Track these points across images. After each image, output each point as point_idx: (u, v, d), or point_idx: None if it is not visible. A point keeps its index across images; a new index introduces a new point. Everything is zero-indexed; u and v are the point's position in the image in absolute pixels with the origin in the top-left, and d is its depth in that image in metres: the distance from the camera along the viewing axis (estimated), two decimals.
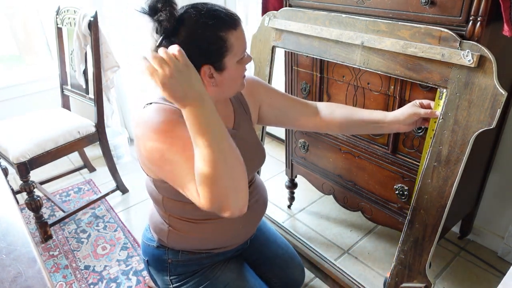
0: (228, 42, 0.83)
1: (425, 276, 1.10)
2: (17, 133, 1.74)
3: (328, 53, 1.26)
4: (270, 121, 1.20)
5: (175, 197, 0.96)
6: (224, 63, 0.85)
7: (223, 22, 0.83)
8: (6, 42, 2.30)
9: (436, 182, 1.02)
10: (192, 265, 1.07)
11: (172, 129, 0.82)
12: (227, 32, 0.83)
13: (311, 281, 1.52)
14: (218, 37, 0.82)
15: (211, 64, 0.84)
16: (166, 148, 0.80)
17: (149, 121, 0.84)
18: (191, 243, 1.05)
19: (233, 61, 0.86)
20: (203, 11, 0.82)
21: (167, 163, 0.81)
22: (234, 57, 0.86)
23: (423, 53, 0.98)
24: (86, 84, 1.90)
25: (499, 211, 1.54)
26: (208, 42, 0.82)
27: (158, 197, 1.01)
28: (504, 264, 1.54)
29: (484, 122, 0.91)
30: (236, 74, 0.89)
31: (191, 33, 0.81)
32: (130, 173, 2.33)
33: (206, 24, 0.81)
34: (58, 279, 1.58)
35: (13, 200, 0.88)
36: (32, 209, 1.69)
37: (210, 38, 0.82)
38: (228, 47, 0.84)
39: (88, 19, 1.71)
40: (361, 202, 1.49)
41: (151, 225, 1.10)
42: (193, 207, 0.95)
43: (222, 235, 1.05)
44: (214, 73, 0.86)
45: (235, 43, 0.85)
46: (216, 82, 0.88)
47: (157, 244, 1.07)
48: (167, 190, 0.95)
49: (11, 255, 0.69)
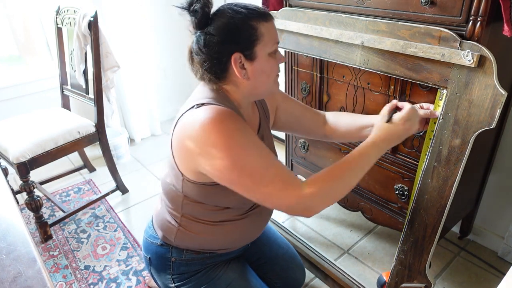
0: (259, 31, 0.86)
1: (425, 276, 1.10)
2: (17, 133, 1.74)
3: (328, 53, 1.26)
4: (283, 126, 1.21)
5: (199, 199, 0.96)
6: (255, 52, 0.87)
7: (253, 12, 0.86)
8: (6, 42, 2.30)
9: (436, 182, 1.02)
10: (195, 265, 1.07)
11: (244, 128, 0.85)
12: (257, 22, 0.86)
13: (311, 281, 1.52)
14: (248, 25, 0.85)
15: (241, 51, 0.86)
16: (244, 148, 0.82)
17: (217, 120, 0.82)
18: (199, 243, 1.04)
19: (264, 51, 0.87)
20: (235, 4, 0.88)
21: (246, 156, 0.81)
22: (264, 47, 0.87)
23: (423, 53, 0.98)
24: (86, 84, 1.90)
25: (499, 211, 1.53)
26: (239, 29, 0.85)
27: (178, 197, 0.98)
28: (504, 264, 1.54)
29: (484, 122, 0.91)
30: (267, 67, 0.90)
31: (223, 22, 0.85)
32: (130, 173, 2.33)
33: (238, 13, 0.85)
34: (58, 279, 1.58)
35: (13, 200, 0.88)
36: (32, 209, 1.69)
37: (241, 25, 0.85)
38: (258, 35, 0.86)
39: (88, 19, 1.70)
40: (361, 202, 1.49)
41: (157, 222, 1.09)
42: (212, 210, 0.97)
43: (231, 237, 1.05)
44: (245, 62, 0.87)
45: (266, 34, 0.87)
46: (248, 75, 0.89)
47: (161, 242, 1.07)
48: (194, 192, 0.94)
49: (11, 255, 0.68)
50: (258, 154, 0.83)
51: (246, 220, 1.05)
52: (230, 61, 0.86)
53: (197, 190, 0.94)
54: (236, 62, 0.86)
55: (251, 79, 0.90)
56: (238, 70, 0.87)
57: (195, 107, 0.87)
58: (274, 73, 0.93)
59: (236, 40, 0.85)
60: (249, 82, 0.90)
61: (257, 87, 0.92)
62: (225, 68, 0.88)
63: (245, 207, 1.03)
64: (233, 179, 0.83)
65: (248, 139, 0.84)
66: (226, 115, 0.84)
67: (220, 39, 0.84)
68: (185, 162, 0.90)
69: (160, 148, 2.66)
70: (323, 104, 1.50)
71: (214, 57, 0.86)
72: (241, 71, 0.88)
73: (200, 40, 0.87)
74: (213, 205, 0.98)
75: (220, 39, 0.84)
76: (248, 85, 0.91)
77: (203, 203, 0.97)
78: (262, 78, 0.91)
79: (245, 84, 0.90)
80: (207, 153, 0.82)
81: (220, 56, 0.86)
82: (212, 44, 0.85)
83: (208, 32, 0.85)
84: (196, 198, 0.96)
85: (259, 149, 0.84)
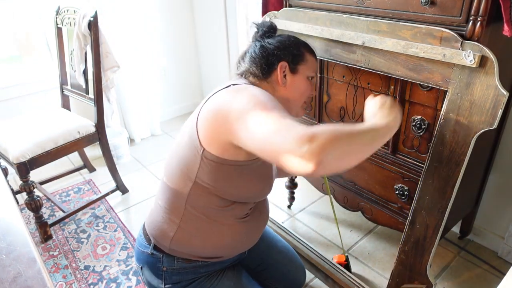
0: (305, 57, 1.04)
1: (426, 277, 1.10)
2: (17, 133, 1.73)
3: (329, 53, 1.25)
4: None
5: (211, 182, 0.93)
6: (298, 69, 1.03)
7: (305, 44, 1.07)
8: (6, 42, 2.30)
9: (438, 182, 1.02)
10: (188, 274, 1.05)
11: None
12: (306, 50, 1.05)
13: (311, 282, 1.52)
14: (300, 48, 1.04)
15: (288, 62, 1.01)
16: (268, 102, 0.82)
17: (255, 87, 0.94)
18: (195, 245, 1.02)
19: (305, 72, 1.04)
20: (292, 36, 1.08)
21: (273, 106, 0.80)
22: (306, 70, 1.04)
23: (424, 53, 0.97)
24: (86, 84, 1.90)
25: (499, 211, 1.53)
26: (292, 46, 1.03)
27: (186, 186, 0.96)
28: (504, 264, 1.54)
29: (485, 122, 0.91)
30: (303, 86, 1.04)
31: (283, 37, 1.05)
32: (130, 173, 2.33)
33: (293, 37, 1.06)
34: (58, 279, 1.57)
35: (13, 200, 0.88)
36: (32, 209, 1.69)
37: (294, 45, 1.03)
38: (304, 59, 1.03)
39: (88, 19, 1.70)
40: (361, 202, 1.49)
41: (152, 226, 1.06)
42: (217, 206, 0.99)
43: (229, 238, 1.04)
44: (287, 72, 1.02)
45: (310, 61, 1.05)
46: (287, 83, 1.02)
47: (151, 251, 1.05)
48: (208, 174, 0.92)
49: (11, 255, 0.68)
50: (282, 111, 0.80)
51: (243, 226, 1.04)
52: (277, 65, 1.00)
53: (213, 171, 0.91)
54: (281, 69, 1.00)
55: (287, 89, 1.02)
56: (280, 75, 1.00)
57: (232, 85, 0.95)
58: (306, 95, 1.06)
59: (287, 52, 1.01)
60: (284, 91, 1.02)
61: (289, 99, 1.03)
62: (271, 69, 1.01)
63: (247, 206, 1.03)
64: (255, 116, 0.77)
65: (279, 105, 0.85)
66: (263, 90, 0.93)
67: (276, 46, 1.02)
68: (213, 132, 0.88)
69: (160, 148, 2.66)
70: (323, 104, 1.50)
71: (266, 57, 1.01)
72: (282, 78, 1.01)
73: (258, 45, 1.04)
74: (221, 196, 0.96)
75: (275, 46, 1.02)
76: (283, 93, 1.02)
77: (211, 193, 0.94)
78: (296, 93, 1.04)
79: (281, 91, 1.02)
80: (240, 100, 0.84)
81: (271, 58, 1.00)
82: (269, 48, 1.02)
83: (266, 41, 1.04)
84: (209, 182, 0.93)
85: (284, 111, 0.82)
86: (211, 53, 2.85)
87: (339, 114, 1.45)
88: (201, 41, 2.90)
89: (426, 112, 1.16)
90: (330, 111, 1.49)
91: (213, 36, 2.72)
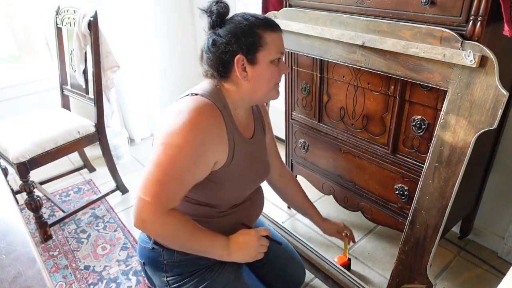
0: (263, 40, 0.92)
1: (426, 277, 1.10)
2: (17, 133, 1.73)
3: (329, 53, 1.25)
4: None
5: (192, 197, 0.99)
6: (257, 58, 0.93)
7: (262, 22, 0.94)
8: (6, 42, 2.30)
9: (437, 182, 1.02)
10: (188, 266, 1.07)
11: (199, 141, 0.88)
12: (263, 30, 0.93)
13: (311, 281, 1.52)
14: (254, 32, 0.92)
15: (244, 54, 0.92)
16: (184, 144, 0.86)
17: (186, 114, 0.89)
18: None
19: (266, 58, 0.94)
20: (247, 13, 0.96)
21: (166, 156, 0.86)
22: (267, 55, 0.93)
23: (425, 53, 0.97)
24: (86, 84, 1.89)
25: (499, 211, 1.53)
26: (244, 34, 0.92)
27: None
28: (504, 264, 1.54)
29: (485, 122, 0.91)
30: (267, 73, 0.95)
31: (232, 26, 0.93)
32: (130, 173, 2.33)
33: (246, 20, 0.93)
34: (58, 279, 1.57)
35: (13, 200, 0.88)
36: (32, 209, 1.69)
37: (247, 30, 0.92)
38: (262, 43, 0.92)
39: (88, 19, 1.70)
40: (361, 202, 1.49)
41: None
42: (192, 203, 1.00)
43: None
44: (246, 65, 0.93)
45: (270, 43, 0.93)
46: (248, 77, 0.94)
47: (152, 245, 1.07)
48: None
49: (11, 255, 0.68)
50: (184, 164, 0.87)
51: (233, 217, 1.07)
52: (233, 61, 0.92)
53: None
54: (239, 64, 0.92)
55: (251, 82, 0.95)
56: (239, 71, 0.93)
57: (190, 95, 0.95)
58: (274, 80, 0.98)
59: (240, 44, 0.91)
60: (249, 85, 0.95)
61: (256, 90, 0.97)
62: (228, 67, 0.94)
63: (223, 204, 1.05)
64: (154, 151, 0.89)
65: (197, 147, 0.88)
66: (208, 110, 0.91)
67: (226, 40, 0.91)
68: None
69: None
70: (323, 104, 1.50)
71: (219, 56, 0.93)
72: (242, 73, 0.93)
73: (210, 40, 0.95)
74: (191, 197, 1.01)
75: (226, 40, 0.91)
76: (248, 87, 0.96)
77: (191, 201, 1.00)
78: (261, 83, 0.96)
79: (245, 86, 0.96)
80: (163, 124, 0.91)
81: (224, 55, 0.92)
82: (219, 44, 0.92)
83: (217, 34, 0.93)
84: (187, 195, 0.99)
85: (191, 162, 0.88)
86: None
87: (339, 114, 1.45)
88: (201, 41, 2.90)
89: (426, 112, 1.16)
90: (330, 111, 1.49)
91: None
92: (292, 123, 1.70)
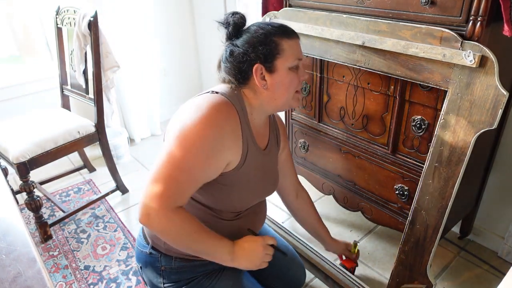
0: (280, 47, 0.93)
1: (426, 277, 1.10)
2: (17, 133, 1.73)
3: (329, 53, 1.25)
4: None
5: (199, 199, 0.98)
6: (275, 65, 0.93)
7: (278, 29, 0.94)
8: (6, 42, 2.30)
9: (437, 182, 1.02)
10: (186, 273, 1.05)
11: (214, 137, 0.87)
12: (280, 38, 0.93)
13: (311, 282, 1.52)
14: (270, 40, 0.92)
15: (262, 64, 0.93)
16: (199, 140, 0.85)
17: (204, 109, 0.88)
18: None
19: (284, 65, 0.94)
20: (263, 22, 0.97)
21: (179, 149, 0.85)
22: (285, 62, 0.94)
23: (424, 53, 0.97)
24: (86, 84, 1.89)
25: (499, 211, 1.53)
26: (261, 43, 0.92)
27: None
28: (504, 264, 1.54)
29: (485, 122, 0.91)
30: (287, 80, 0.95)
31: (248, 35, 0.94)
32: (130, 173, 2.33)
33: (262, 28, 0.94)
34: (58, 279, 1.57)
35: (13, 200, 0.88)
36: (32, 209, 1.69)
37: (263, 40, 0.92)
38: (279, 50, 0.93)
39: (88, 19, 1.70)
40: (361, 202, 1.49)
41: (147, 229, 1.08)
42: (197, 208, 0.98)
43: None
44: (265, 74, 0.94)
45: (287, 49, 0.94)
46: (267, 85, 0.95)
47: (149, 250, 1.05)
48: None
49: (11, 255, 0.68)
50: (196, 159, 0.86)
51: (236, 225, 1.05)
52: (251, 71, 0.93)
53: None
54: (257, 73, 0.93)
55: (270, 90, 0.95)
56: (258, 80, 0.94)
57: (210, 92, 0.95)
58: (293, 87, 0.97)
59: (257, 52, 0.92)
60: (268, 93, 0.96)
61: (276, 98, 0.97)
62: (246, 76, 0.95)
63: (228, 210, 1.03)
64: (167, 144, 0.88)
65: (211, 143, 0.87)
66: (226, 111, 0.91)
67: (244, 50, 0.92)
68: None
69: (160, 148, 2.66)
70: (323, 104, 1.50)
71: (237, 66, 0.94)
72: (261, 81, 0.94)
73: (227, 50, 0.96)
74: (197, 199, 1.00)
75: (243, 50, 0.92)
76: (267, 95, 0.96)
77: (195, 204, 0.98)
78: (281, 90, 0.96)
79: (265, 94, 0.96)
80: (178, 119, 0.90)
81: (242, 65, 0.93)
82: (237, 54, 0.93)
83: (235, 44, 0.94)
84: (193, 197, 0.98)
85: (203, 159, 0.86)
86: (211, 53, 2.85)
87: (339, 114, 1.45)
88: (201, 41, 2.90)
89: (426, 112, 1.16)
90: (330, 111, 1.49)
91: (213, 36, 2.71)
92: (292, 123, 1.70)
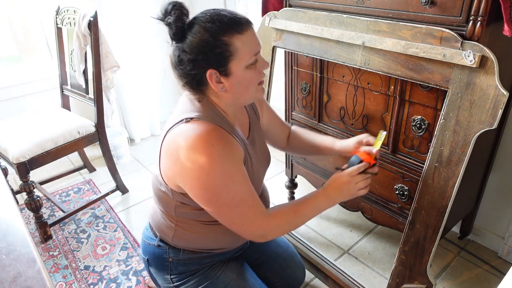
0: (232, 47, 0.82)
1: (426, 277, 1.10)
2: (17, 133, 1.73)
3: (329, 53, 1.25)
4: None
5: (191, 204, 0.97)
6: (230, 69, 0.85)
7: (226, 26, 0.82)
8: (6, 42, 2.30)
9: (437, 182, 1.02)
10: (193, 264, 1.07)
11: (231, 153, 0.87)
12: (230, 36, 0.82)
13: (311, 281, 1.52)
14: (220, 42, 0.82)
15: (215, 69, 0.84)
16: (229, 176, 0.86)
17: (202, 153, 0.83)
18: (196, 242, 1.04)
19: (239, 66, 0.85)
20: (208, 16, 0.83)
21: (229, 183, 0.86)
22: (240, 62, 0.85)
23: (425, 53, 0.97)
24: (86, 84, 1.89)
25: (499, 211, 1.53)
26: (210, 47, 0.82)
27: (171, 202, 0.99)
28: (504, 264, 1.54)
29: (485, 122, 0.91)
30: (246, 80, 0.88)
31: (195, 39, 0.82)
32: (130, 173, 2.33)
33: (209, 28, 0.82)
34: (58, 279, 1.57)
35: (13, 200, 0.88)
36: (32, 209, 1.69)
37: (212, 42, 0.81)
38: (232, 51, 0.83)
39: (88, 19, 1.70)
40: (361, 202, 1.49)
41: (154, 224, 1.09)
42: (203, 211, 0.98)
43: (226, 236, 1.05)
44: (221, 77, 0.86)
45: (241, 47, 0.83)
46: (225, 88, 0.88)
47: (158, 243, 1.07)
48: (181, 197, 0.95)
49: (11, 255, 0.68)
50: (240, 182, 0.87)
51: None
52: (205, 77, 0.85)
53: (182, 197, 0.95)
54: (212, 79, 0.86)
55: (230, 92, 0.89)
56: (214, 85, 0.87)
57: (184, 121, 0.88)
58: (254, 84, 0.91)
59: (208, 58, 0.83)
60: (228, 94, 0.90)
61: (238, 97, 0.92)
62: (201, 82, 0.88)
63: None
64: (210, 201, 0.88)
65: (234, 166, 0.87)
66: (216, 137, 0.85)
67: (193, 58, 0.83)
68: (170, 175, 0.93)
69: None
70: (323, 104, 1.50)
71: (189, 74, 0.86)
72: (218, 86, 0.87)
73: (175, 55, 0.87)
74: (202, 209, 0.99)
75: (192, 57, 0.83)
76: (228, 96, 0.91)
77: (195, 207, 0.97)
78: (241, 90, 0.90)
79: (225, 95, 0.91)
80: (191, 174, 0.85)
81: (194, 73, 0.85)
82: (186, 62, 0.84)
83: (181, 49, 0.84)
84: (187, 202, 0.96)
85: (241, 177, 0.88)
86: None
87: (339, 114, 1.45)
88: None
89: (426, 112, 1.16)
90: (330, 111, 1.49)
91: None
92: (292, 123, 1.70)
